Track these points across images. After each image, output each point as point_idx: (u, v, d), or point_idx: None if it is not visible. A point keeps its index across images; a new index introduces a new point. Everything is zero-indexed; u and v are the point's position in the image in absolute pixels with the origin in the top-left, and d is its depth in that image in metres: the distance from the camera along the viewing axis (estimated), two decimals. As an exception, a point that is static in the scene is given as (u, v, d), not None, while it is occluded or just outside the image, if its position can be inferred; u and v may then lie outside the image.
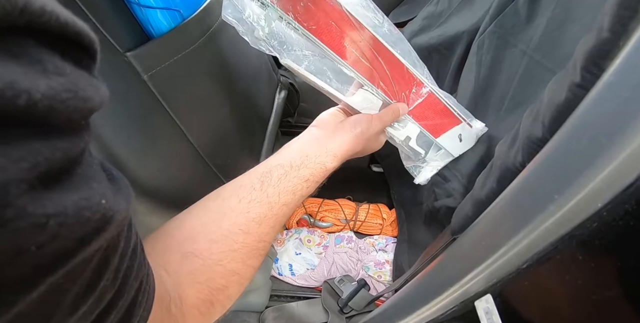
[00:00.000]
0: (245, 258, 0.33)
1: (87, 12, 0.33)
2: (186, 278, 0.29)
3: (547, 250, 0.23)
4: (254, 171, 0.38)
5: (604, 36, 0.22)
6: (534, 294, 0.25)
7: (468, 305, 0.31)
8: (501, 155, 0.35)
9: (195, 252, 0.30)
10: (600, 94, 0.21)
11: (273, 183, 0.36)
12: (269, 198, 0.35)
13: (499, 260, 0.26)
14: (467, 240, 0.35)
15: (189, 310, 0.28)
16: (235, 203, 0.34)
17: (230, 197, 0.35)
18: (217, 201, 0.35)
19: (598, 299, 0.21)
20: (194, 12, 0.44)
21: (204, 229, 0.32)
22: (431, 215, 0.70)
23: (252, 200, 0.34)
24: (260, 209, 0.34)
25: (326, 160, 0.40)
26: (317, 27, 0.37)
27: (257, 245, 0.34)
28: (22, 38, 0.11)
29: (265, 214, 0.34)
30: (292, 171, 0.38)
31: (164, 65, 0.42)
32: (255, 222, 0.33)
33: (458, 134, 0.51)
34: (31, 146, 0.11)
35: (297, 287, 0.80)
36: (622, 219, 0.19)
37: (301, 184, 0.37)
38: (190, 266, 0.30)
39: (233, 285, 0.32)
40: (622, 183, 0.18)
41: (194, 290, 0.29)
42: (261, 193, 0.35)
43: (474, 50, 0.63)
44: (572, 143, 0.22)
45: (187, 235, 0.31)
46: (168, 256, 0.29)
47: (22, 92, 0.10)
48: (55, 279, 0.13)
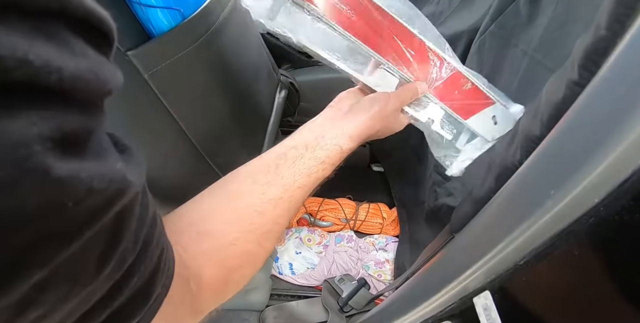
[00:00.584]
0: (260, 240, 0.33)
1: (88, 11, 0.33)
2: (201, 256, 0.29)
3: (544, 246, 0.23)
4: (269, 153, 0.38)
5: (601, 34, 0.22)
6: (532, 290, 0.25)
7: (467, 302, 0.31)
8: (500, 153, 0.35)
9: (210, 232, 0.30)
10: (596, 91, 0.21)
11: (288, 165, 0.36)
12: (284, 180, 0.35)
13: (497, 257, 0.26)
14: (466, 237, 0.36)
15: (205, 287, 0.28)
16: (250, 184, 0.34)
17: (246, 179, 0.35)
18: (231, 183, 0.35)
19: (595, 294, 0.21)
20: (194, 11, 0.45)
21: (219, 210, 0.32)
22: (432, 215, 0.70)
23: (267, 182, 0.34)
24: (275, 191, 0.34)
25: (342, 142, 0.39)
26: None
27: (272, 227, 0.34)
28: (55, 21, 0.12)
29: (280, 196, 0.34)
30: (308, 153, 0.37)
31: (164, 64, 0.42)
32: (270, 204, 0.33)
33: (492, 115, 0.45)
34: (58, 113, 0.12)
35: (298, 286, 0.80)
36: (619, 214, 0.19)
37: (317, 166, 0.37)
38: (206, 245, 0.30)
39: (247, 266, 0.33)
40: (618, 178, 0.18)
41: (209, 268, 0.29)
42: (276, 175, 0.35)
43: (474, 50, 0.63)
44: (569, 139, 0.22)
45: (202, 216, 0.32)
46: (183, 235, 0.29)
47: (54, 69, 0.12)
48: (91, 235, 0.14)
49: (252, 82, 0.68)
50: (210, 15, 0.48)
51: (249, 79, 0.66)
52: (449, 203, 0.62)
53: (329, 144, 0.38)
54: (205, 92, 0.53)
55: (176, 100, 0.46)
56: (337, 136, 0.39)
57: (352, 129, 0.40)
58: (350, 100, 0.44)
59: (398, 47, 0.40)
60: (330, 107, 0.44)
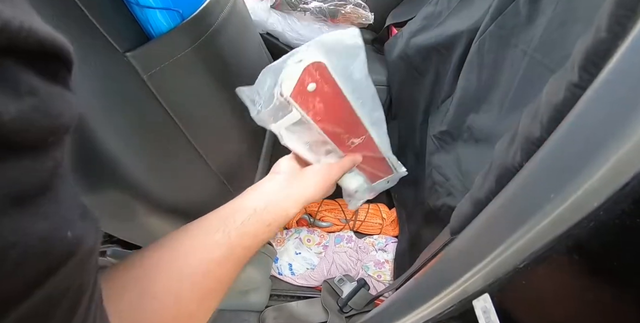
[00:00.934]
0: (202, 300, 0.33)
1: (86, 12, 0.33)
2: (141, 318, 0.28)
3: (544, 249, 0.23)
4: (217, 212, 0.39)
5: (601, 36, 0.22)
6: (531, 293, 0.25)
7: (466, 305, 0.31)
8: (500, 154, 0.34)
9: (152, 292, 0.30)
10: (597, 93, 0.21)
11: (236, 226, 0.36)
12: (231, 240, 0.35)
13: (497, 260, 0.26)
14: (466, 239, 0.35)
15: None
16: (197, 243, 0.34)
17: (192, 237, 0.35)
18: (180, 240, 0.35)
19: (595, 298, 0.21)
20: (193, 12, 0.44)
21: (164, 267, 0.32)
22: (432, 214, 0.70)
23: (215, 241, 0.35)
24: (221, 251, 0.34)
25: (288, 206, 0.41)
26: None
27: (215, 286, 0.34)
28: (1, 59, 0.11)
29: (226, 256, 0.34)
30: (256, 215, 0.38)
31: (163, 65, 0.42)
32: (215, 263, 0.34)
33: (387, 179, 0.61)
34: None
35: (297, 287, 0.80)
36: (619, 218, 0.19)
37: (263, 228, 0.38)
38: (148, 307, 0.29)
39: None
40: (618, 182, 0.18)
41: None
42: (223, 235, 0.35)
43: (474, 50, 0.63)
44: (569, 142, 0.22)
45: (146, 272, 0.31)
46: (125, 296, 0.29)
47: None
48: (20, 314, 0.12)
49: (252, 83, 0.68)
50: (210, 16, 0.48)
51: (249, 80, 0.66)
52: (449, 202, 0.62)
53: (276, 209, 0.40)
54: (205, 93, 0.53)
55: (175, 102, 0.46)
56: (284, 201, 0.41)
57: (299, 195, 0.43)
58: (291, 168, 0.47)
59: (348, 133, 0.47)
60: (275, 173, 0.46)
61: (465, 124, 0.64)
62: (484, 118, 0.60)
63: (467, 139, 0.64)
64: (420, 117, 0.84)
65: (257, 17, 0.86)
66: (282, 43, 0.94)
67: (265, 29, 0.90)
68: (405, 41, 0.86)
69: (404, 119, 0.94)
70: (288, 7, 0.88)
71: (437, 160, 0.70)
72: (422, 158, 0.80)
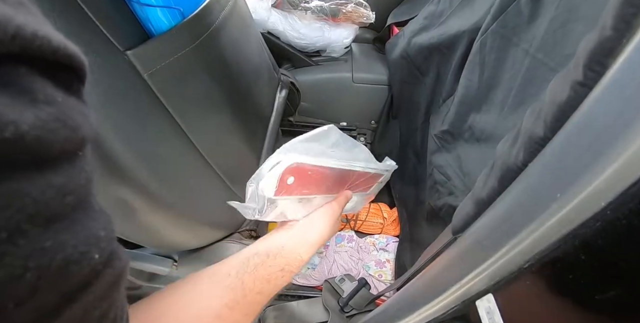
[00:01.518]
0: None
1: (87, 11, 0.33)
2: None
3: (550, 249, 0.22)
4: (231, 259, 0.39)
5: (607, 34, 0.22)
6: (536, 294, 0.25)
7: (469, 305, 0.31)
8: (502, 154, 0.34)
9: None
10: (604, 92, 0.21)
11: (249, 271, 0.36)
12: (244, 284, 0.35)
13: (501, 260, 0.26)
14: (468, 239, 0.35)
15: None
16: (209, 288, 0.34)
17: (205, 281, 0.35)
18: (191, 285, 0.35)
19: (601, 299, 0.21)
20: (194, 11, 0.44)
21: (174, 313, 0.31)
22: (433, 214, 0.70)
23: (227, 286, 0.34)
24: (233, 295, 0.34)
25: (302, 250, 0.42)
26: None
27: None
28: (14, 66, 0.11)
29: (238, 300, 0.34)
30: (269, 260, 0.39)
31: (164, 63, 0.42)
32: (227, 308, 0.33)
33: (380, 181, 0.65)
34: (16, 187, 0.10)
35: (298, 286, 0.80)
36: (626, 218, 0.18)
37: (276, 273, 0.39)
38: None
39: None
40: (625, 182, 0.18)
41: None
42: (236, 279, 0.35)
43: (476, 50, 0.63)
44: (575, 141, 0.22)
45: (156, 317, 0.31)
46: None
47: (8, 123, 0.10)
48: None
49: (252, 82, 0.67)
50: (210, 15, 0.48)
51: (249, 79, 0.66)
52: (451, 202, 0.62)
53: (290, 254, 0.41)
54: (205, 91, 0.52)
55: (175, 100, 0.46)
56: (297, 245, 0.42)
57: (314, 241, 0.44)
58: None
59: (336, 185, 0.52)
60: (282, 222, 0.48)
61: (467, 123, 0.64)
62: (486, 117, 0.60)
63: (468, 138, 0.64)
64: (422, 117, 0.84)
65: (258, 16, 0.86)
66: (282, 42, 0.94)
67: (266, 28, 0.90)
68: (406, 40, 0.85)
69: (405, 118, 0.93)
70: (289, 6, 0.88)
71: (439, 159, 0.70)
72: (423, 157, 0.79)
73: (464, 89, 0.65)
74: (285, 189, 0.41)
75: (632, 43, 0.19)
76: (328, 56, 1.01)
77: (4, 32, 0.10)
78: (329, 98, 1.02)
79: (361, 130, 1.08)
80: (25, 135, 0.10)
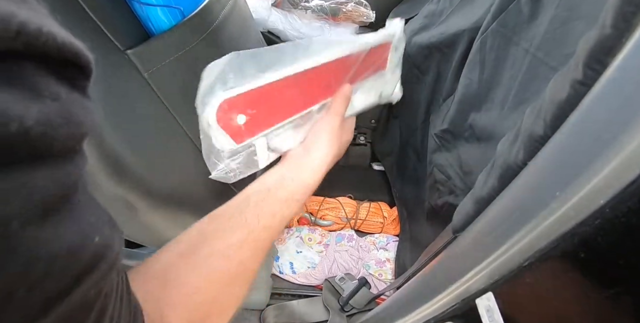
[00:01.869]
0: (226, 286, 0.32)
1: (87, 10, 0.33)
2: (166, 308, 0.28)
3: (549, 247, 0.22)
4: (230, 201, 0.38)
5: (606, 32, 0.22)
6: (536, 292, 0.25)
7: (469, 303, 0.31)
8: (503, 152, 0.34)
9: (174, 281, 0.30)
10: (603, 91, 0.21)
11: (251, 209, 0.36)
12: (247, 222, 0.35)
13: (501, 258, 0.26)
14: (468, 238, 0.35)
15: None
16: (213, 230, 0.34)
17: (208, 225, 0.35)
18: (195, 231, 0.35)
19: (600, 297, 0.21)
20: (194, 10, 0.44)
21: (183, 257, 0.32)
22: (433, 213, 0.70)
23: (231, 227, 0.34)
24: (239, 234, 0.34)
25: (306, 177, 0.41)
26: None
27: (239, 271, 0.33)
28: (19, 62, 0.11)
29: (244, 238, 0.34)
30: (270, 194, 0.38)
31: (164, 63, 0.42)
32: (234, 247, 0.33)
33: (394, 48, 0.52)
34: (24, 179, 0.11)
35: (298, 285, 0.80)
36: (625, 216, 0.18)
37: (280, 206, 0.38)
38: (170, 295, 0.29)
39: (214, 315, 0.32)
40: (624, 180, 0.18)
41: (175, 320, 0.28)
42: (239, 219, 0.35)
43: (476, 49, 0.62)
44: (575, 139, 0.22)
45: (166, 266, 0.31)
46: (150, 286, 0.29)
47: (13, 118, 0.10)
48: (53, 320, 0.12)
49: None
50: (211, 14, 0.48)
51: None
52: (451, 201, 0.62)
53: (291, 182, 0.39)
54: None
55: (176, 100, 0.46)
56: (299, 172, 0.41)
57: (312, 161, 0.42)
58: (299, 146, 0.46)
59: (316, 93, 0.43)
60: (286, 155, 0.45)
61: (467, 122, 0.64)
62: (486, 116, 0.60)
63: (468, 137, 0.64)
64: (422, 116, 0.84)
65: (258, 15, 0.86)
66: (283, 41, 0.94)
67: (266, 27, 0.90)
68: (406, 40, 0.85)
69: (405, 117, 0.93)
70: (289, 5, 0.88)
71: (439, 158, 0.70)
72: (424, 156, 0.79)
73: (464, 88, 0.65)
74: (244, 131, 0.36)
75: (632, 41, 0.20)
76: (328, 55, 1.01)
77: (7, 28, 0.10)
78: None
79: (361, 130, 1.08)
80: (30, 131, 0.10)
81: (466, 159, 0.62)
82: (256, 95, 0.37)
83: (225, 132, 0.35)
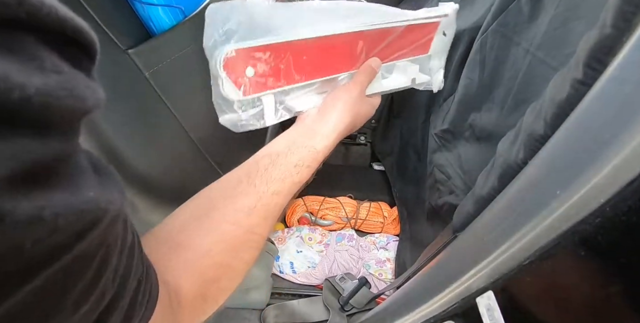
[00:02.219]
0: (235, 251, 0.32)
1: (89, 10, 0.33)
2: (177, 269, 0.29)
3: (550, 246, 0.22)
4: (240, 167, 0.38)
5: (606, 32, 0.22)
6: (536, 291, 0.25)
7: (469, 302, 0.31)
8: (503, 152, 0.34)
9: (185, 244, 0.30)
10: (603, 90, 0.21)
11: (260, 174, 0.35)
12: (257, 188, 0.35)
13: (501, 257, 0.26)
14: (469, 237, 0.35)
15: (184, 304, 0.28)
16: (222, 197, 0.34)
17: (218, 192, 0.35)
18: (205, 197, 0.35)
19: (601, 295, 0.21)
20: (195, 9, 0.44)
21: (193, 223, 0.32)
22: (434, 213, 0.70)
23: (240, 192, 0.34)
24: (248, 200, 0.34)
25: (314, 143, 0.40)
26: None
27: (249, 236, 0.33)
28: (22, 34, 0.11)
29: (254, 204, 0.34)
30: (279, 159, 0.37)
31: (165, 62, 0.42)
32: (243, 213, 0.33)
33: (441, 31, 0.49)
34: (23, 143, 0.11)
35: (298, 285, 0.80)
36: (625, 215, 0.18)
37: (290, 170, 0.37)
38: (181, 257, 0.29)
39: (224, 279, 0.32)
40: (624, 179, 0.18)
41: (186, 281, 0.29)
42: (248, 185, 0.35)
43: (476, 49, 0.63)
44: (575, 139, 0.22)
45: (177, 229, 0.31)
46: (160, 249, 0.29)
47: (15, 86, 0.10)
48: (52, 273, 0.13)
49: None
50: (211, 14, 0.48)
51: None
52: (451, 201, 0.62)
53: (300, 148, 0.39)
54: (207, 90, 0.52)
55: (177, 99, 0.46)
56: (309, 138, 0.40)
57: (323, 127, 0.41)
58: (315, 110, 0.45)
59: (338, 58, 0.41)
60: (300, 119, 0.45)
61: (467, 122, 0.64)
62: (486, 116, 0.60)
63: (468, 137, 0.64)
64: (422, 116, 0.84)
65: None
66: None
67: (267, 27, 0.90)
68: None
69: (406, 117, 0.94)
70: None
71: (439, 158, 0.70)
72: (424, 156, 0.80)
73: (465, 87, 0.65)
74: (253, 85, 0.35)
75: (632, 41, 0.20)
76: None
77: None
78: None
79: (362, 129, 1.08)
80: (32, 99, 0.10)
81: (466, 158, 0.62)
82: (269, 51, 0.36)
83: (232, 82, 0.34)
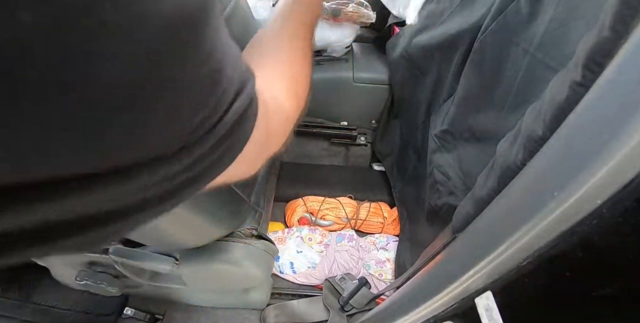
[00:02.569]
0: (303, 65, 0.35)
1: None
2: (267, 76, 0.30)
3: (548, 247, 0.23)
4: (256, 37, 0.38)
5: (605, 35, 0.22)
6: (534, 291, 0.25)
7: (468, 302, 0.31)
8: (502, 153, 0.35)
9: (268, 58, 0.34)
10: (601, 92, 0.21)
11: (283, 30, 0.37)
12: (289, 36, 0.37)
13: (500, 257, 0.26)
14: (468, 238, 0.36)
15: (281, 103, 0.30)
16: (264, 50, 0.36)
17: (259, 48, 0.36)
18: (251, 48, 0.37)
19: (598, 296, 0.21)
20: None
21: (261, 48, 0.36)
22: (433, 213, 0.70)
23: (274, 45, 0.36)
24: (288, 43, 0.36)
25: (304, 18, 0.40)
26: None
27: (306, 57, 0.36)
28: None
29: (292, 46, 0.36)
30: (287, 15, 0.38)
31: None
32: (289, 49, 0.35)
33: None
34: None
35: (298, 285, 0.80)
36: (622, 216, 0.19)
37: (302, 17, 0.38)
38: (269, 66, 0.32)
39: (300, 90, 0.34)
40: (621, 180, 0.18)
41: (279, 88, 0.31)
42: (280, 36, 0.36)
43: (476, 49, 0.63)
44: (573, 140, 0.22)
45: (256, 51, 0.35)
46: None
47: None
48: None
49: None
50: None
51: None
52: (451, 202, 0.62)
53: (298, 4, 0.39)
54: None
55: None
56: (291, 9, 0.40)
57: None
58: None
59: None
60: None
61: (467, 123, 0.64)
62: (486, 117, 0.60)
63: (468, 138, 0.64)
64: (422, 116, 0.84)
65: (259, 16, 0.86)
66: (283, 42, 0.94)
67: (267, 27, 0.90)
68: (407, 40, 0.86)
69: (406, 117, 0.94)
70: (290, 5, 0.88)
71: (439, 159, 0.71)
72: (424, 157, 0.80)
73: (464, 88, 0.65)
74: None
75: (630, 43, 0.20)
76: (329, 56, 1.01)
77: None
78: (330, 97, 1.02)
79: (362, 130, 1.08)
80: None
81: (466, 159, 0.62)
82: None
83: None
